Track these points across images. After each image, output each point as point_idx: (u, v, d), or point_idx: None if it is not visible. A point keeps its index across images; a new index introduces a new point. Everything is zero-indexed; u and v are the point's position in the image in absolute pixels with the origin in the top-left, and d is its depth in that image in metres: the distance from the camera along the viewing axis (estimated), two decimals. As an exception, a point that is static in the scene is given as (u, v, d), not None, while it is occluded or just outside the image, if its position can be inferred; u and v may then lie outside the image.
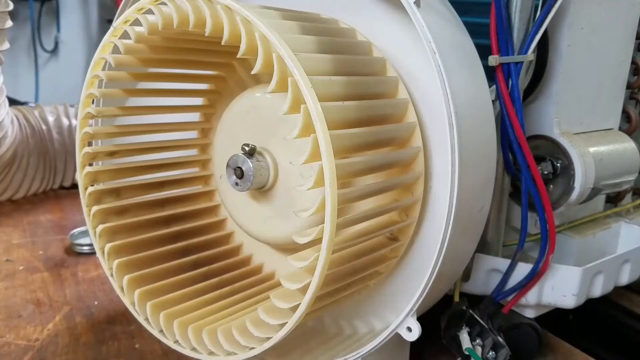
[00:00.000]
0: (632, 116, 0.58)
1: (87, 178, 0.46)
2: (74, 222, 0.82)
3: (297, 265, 0.34)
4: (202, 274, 0.48)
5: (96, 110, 0.46)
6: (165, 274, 0.47)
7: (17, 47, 2.33)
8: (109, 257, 0.46)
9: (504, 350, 0.45)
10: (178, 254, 0.49)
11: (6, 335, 0.54)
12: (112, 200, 0.48)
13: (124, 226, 0.48)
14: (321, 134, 0.31)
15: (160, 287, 0.46)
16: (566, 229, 0.54)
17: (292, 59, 0.32)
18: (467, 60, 0.40)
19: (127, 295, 0.45)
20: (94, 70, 0.44)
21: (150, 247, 0.48)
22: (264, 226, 0.45)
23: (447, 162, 0.36)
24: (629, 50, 0.56)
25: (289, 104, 0.32)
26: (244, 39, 0.34)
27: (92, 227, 0.47)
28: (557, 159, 0.50)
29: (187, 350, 0.43)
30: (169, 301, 0.45)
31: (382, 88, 0.39)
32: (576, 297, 0.49)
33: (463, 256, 0.43)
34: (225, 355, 0.40)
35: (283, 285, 0.35)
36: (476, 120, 0.39)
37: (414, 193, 0.40)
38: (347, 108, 0.35)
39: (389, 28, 0.41)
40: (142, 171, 0.50)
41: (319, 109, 0.32)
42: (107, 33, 0.43)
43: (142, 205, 0.49)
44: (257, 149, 0.43)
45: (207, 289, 0.47)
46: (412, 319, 0.38)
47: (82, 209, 0.47)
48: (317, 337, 0.47)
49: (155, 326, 0.44)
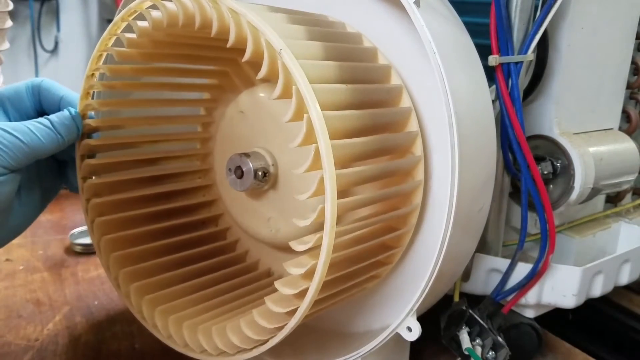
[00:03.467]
0: (632, 116, 0.58)
1: (85, 170, 0.47)
2: (74, 222, 0.82)
3: (295, 272, 0.34)
4: (198, 270, 0.48)
5: (97, 103, 0.46)
6: (160, 269, 0.47)
7: (17, 47, 2.33)
8: (104, 249, 0.46)
9: (504, 350, 0.45)
10: (174, 249, 0.49)
11: (6, 335, 0.54)
12: (109, 194, 0.48)
13: (120, 219, 0.48)
14: (323, 145, 0.31)
15: (155, 281, 0.46)
16: (566, 229, 0.54)
17: (296, 67, 0.32)
18: (468, 60, 0.40)
19: (122, 289, 0.45)
20: (94, 64, 0.45)
21: (146, 241, 0.48)
22: (264, 226, 0.45)
23: (448, 162, 0.36)
24: (629, 50, 0.56)
25: (293, 112, 0.33)
26: (250, 45, 0.34)
27: (89, 221, 0.47)
28: (557, 159, 0.50)
29: (181, 348, 0.43)
30: (165, 297, 0.45)
31: (385, 96, 0.39)
32: (576, 297, 0.49)
33: (463, 256, 0.43)
34: (217, 354, 0.41)
35: (279, 290, 0.35)
36: (476, 120, 0.39)
37: (413, 201, 0.40)
38: (350, 117, 0.35)
39: (390, 28, 0.41)
40: (141, 164, 0.50)
41: (322, 119, 0.32)
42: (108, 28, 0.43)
43: (139, 199, 0.49)
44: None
45: (202, 285, 0.47)
46: (412, 319, 0.38)
47: (82, 209, 0.47)
48: (317, 337, 0.47)
49: (150, 322, 0.44)
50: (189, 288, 0.46)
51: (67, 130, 0.43)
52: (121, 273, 0.45)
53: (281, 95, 0.33)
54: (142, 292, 0.45)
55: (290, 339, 0.37)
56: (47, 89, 0.46)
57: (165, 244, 0.49)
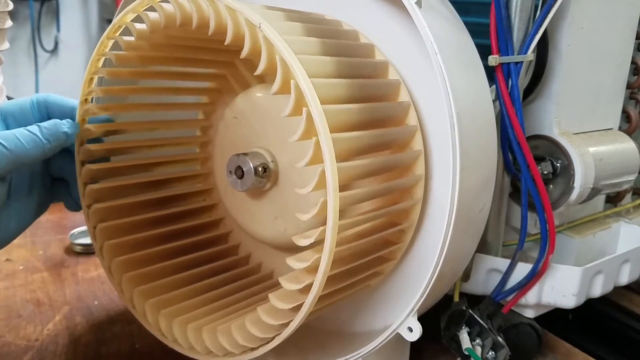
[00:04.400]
0: (632, 116, 0.58)
1: (86, 175, 0.46)
2: (73, 222, 0.82)
3: (298, 266, 0.34)
4: (200, 273, 0.48)
5: (96, 107, 0.46)
6: (162, 273, 0.47)
7: (17, 47, 2.33)
8: (106, 254, 0.46)
9: (504, 350, 0.45)
10: (176, 253, 0.49)
11: (6, 335, 0.54)
12: (110, 199, 0.48)
13: (122, 225, 0.48)
14: (323, 138, 0.31)
15: (158, 285, 0.46)
16: (566, 229, 0.54)
17: (294, 62, 0.32)
18: (468, 60, 0.40)
19: (126, 294, 0.45)
20: (93, 69, 0.44)
21: (149, 246, 0.48)
22: (270, 226, 0.45)
23: (448, 162, 0.36)
24: (629, 50, 0.56)
25: (292, 107, 0.33)
26: (248, 41, 0.34)
27: (90, 226, 0.47)
28: (557, 159, 0.50)
29: (186, 350, 0.43)
30: (169, 300, 0.45)
31: (384, 90, 0.39)
32: (576, 297, 0.49)
33: (463, 256, 0.43)
34: (223, 355, 0.41)
35: (283, 286, 0.35)
36: (477, 121, 0.39)
37: (414, 196, 0.40)
38: (349, 110, 0.35)
39: (390, 28, 0.41)
40: (141, 169, 0.50)
41: (321, 112, 0.32)
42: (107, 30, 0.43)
43: (140, 204, 0.49)
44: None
45: (205, 288, 0.47)
46: (413, 319, 0.38)
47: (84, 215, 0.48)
48: (318, 337, 0.47)
49: (154, 325, 0.44)
50: (192, 292, 0.46)
51: (54, 136, 0.42)
52: (124, 278, 0.45)
53: (280, 90, 0.33)
54: (146, 296, 0.45)
55: (293, 339, 0.37)
56: (55, 103, 0.46)
57: (168, 249, 0.49)
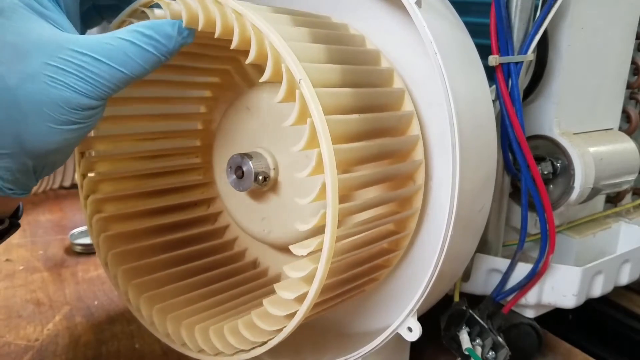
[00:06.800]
0: (632, 116, 0.58)
1: (84, 166, 0.47)
2: (73, 222, 0.82)
3: (295, 275, 0.34)
4: (196, 268, 0.48)
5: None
6: (158, 267, 0.47)
7: (16, 46, 2.32)
8: (103, 247, 0.46)
9: (504, 350, 0.45)
10: (173, 247, 0.49)
11: (6, 335, 0.54)
12: (107, 191, 0.48)
13: (119, 216, 0.48)
14: (325, 150, 0.31)
15: (154, 279, 0.46)
16: (566, 229, 0.54)
17: (300, 72, 0.32)
18: (468, 60, 0.40)
19: (121, 287, 0.45)
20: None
21: (145, 239, 0.48)
22: (257, 224, 0.45)
23: (448, 162, 0.36)
24: (629, 50, 0.56)
25: (296, 116, 0.32)
26: (254, 47, 0.34)
27: (87, 217, 0.47)
28: (557, 159, 0.50)
29: (178, 346, 0.43)
30: (164, 295, 0.45)
31: (388, 100, 0.39)
32: (576, 297, 0.49)
33: (463, 256, 0.43)
34: (214, 354, 0.41)
35: (278, 294, 0.35)
36: (477, 121, 0.39)
37: (414, 205, 0.40)
38: (353, 121, 0.35)
39: (390, 28, 0.41)
40: (140, 161, 0.50)
41: (325, 123, 0.31)
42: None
43: (138, 196, 0.50)
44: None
45: (201, 283, 0.47)
46: (412, 319, 0.38)
47: (81, 208, 0.47)
48: (316, 337, 0.47)
49: (148, 320, 0.44)
50: (187, 286, 0.46)
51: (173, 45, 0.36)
52: (120, 270, 0.46)
53: (284, 99, 0.33)
54: (141, 290, 0.45)
55: (289, 340, 0.37)
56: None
57: (164, 241, 0.49)
